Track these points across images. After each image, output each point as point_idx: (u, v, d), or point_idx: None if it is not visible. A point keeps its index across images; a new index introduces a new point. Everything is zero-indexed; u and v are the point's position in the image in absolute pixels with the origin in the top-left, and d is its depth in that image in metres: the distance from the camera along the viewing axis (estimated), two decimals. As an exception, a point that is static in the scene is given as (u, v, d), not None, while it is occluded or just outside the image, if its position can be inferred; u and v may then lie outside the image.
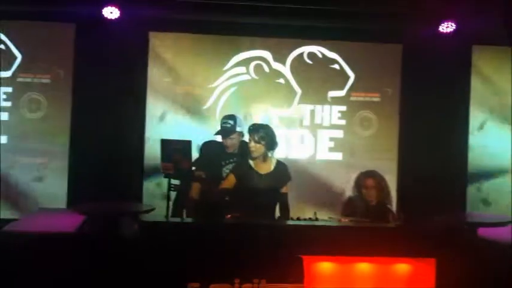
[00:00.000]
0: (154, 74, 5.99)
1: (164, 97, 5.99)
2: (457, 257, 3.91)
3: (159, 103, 5.98)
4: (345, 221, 4.46)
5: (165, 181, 4.28)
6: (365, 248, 3.87)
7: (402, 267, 3.94)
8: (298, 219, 4.48)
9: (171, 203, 4.35)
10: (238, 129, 4.81)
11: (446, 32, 5.88)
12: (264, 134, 4.47)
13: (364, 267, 3.91)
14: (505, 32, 6.03)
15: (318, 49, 6.16)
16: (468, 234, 4.14)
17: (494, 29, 5.90)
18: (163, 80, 6.00)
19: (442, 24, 5.85)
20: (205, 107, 6.05)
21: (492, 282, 3.95)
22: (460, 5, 5.62)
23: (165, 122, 5.99)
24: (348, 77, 6.18)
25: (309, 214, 4.43)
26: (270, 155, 4.53)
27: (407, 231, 4.14)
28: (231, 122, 4.84)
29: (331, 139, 6.17)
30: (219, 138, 4.91)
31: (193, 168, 4.53)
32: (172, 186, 4.23)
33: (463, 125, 6.27)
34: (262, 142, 4.45)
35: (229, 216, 4.21)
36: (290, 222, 4.30)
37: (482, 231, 4.22)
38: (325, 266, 3.87)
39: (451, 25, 5.84)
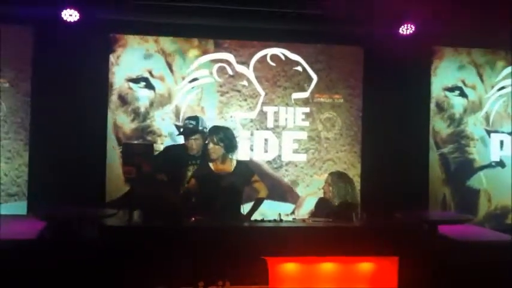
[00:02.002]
0: (116, 76, 5.90)
1: (126, 100, 5.92)
2: (419, 255, 3.98)
3: (120, 106, 5.90)
4: (309, 221, 4.49)
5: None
6: (329, 248, 3.90)
7: (366, 266, 3.98)
8: (262, 220, 4.50)
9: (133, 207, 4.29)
10: (201, 130, 4.80)
11: (406, 34, 5.97)
12: (223, 136, 4.51)
13: (328, 267, 3.94)
14: (465, 33, 6.21)
15: (281, 51, 6.18)
16: (429, 232, 4.22)
17: (453, 30, 6.07)
18: (118, 79, 5.90)
19: (402, 27, 5.94)
20: (168, 109, 5.99)
21: (453, 279, 4.03)
22: (419, 7, 5.72)
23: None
24: (311, 79, 6.22)
25: (274, 216, 4.44)
26: (230, 156, 4.55)
27: (370, 230, 4.19)
28: (194, 122, 4.82)
29: (295, 140, 6.20)
30: (182, 140, 4.88)
31: (156, 171, 4.49)
32: (135, 189, 4.18)
33: (424, 125, 6.36)
34: (221, 144, 4.49)
35: (192, 219, 4.19)
36: (254, 224, 4.30)
37: (443, 229, 4.31)
38: (290, 267, 3.89)
39: (411, 27, 5.94)
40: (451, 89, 6.40)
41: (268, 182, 5.78)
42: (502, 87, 6.48)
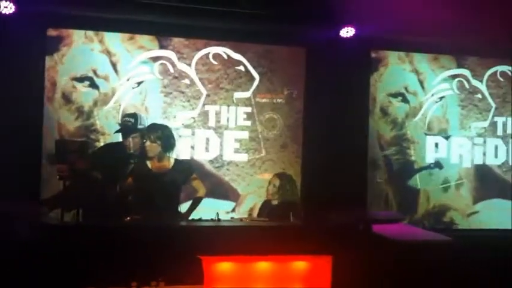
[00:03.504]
0: (53, 72, 5.76)
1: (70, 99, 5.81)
2: (353, 254, 4.06)
3: (64, 105, 5.77)
4: (247, 221, 4.52)
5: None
6: (264, 247, 3.93)
7: (300, 265, 4.04)
8: (200, 220, 4.49)
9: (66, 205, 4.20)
10: (140, 128, 4.74)
11: (347, 37, 6.08)
12: (161, 134, 4.49)
13: (263, 266, 3.97)
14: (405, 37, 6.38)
15: (223, 50, 6.17)
16: (363, 231, 4.31)
17: (392, 34, 6.21)
18: (62, 78, 5.78)
19: (343, 29, 6.05)
20: (107, 107, 5.89)
21: (387, 278, 4.13)
22: (359, 10, 5.83)
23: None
24: (253, 79, 6.24)
25: (215, 213, 4.45)
26: (167, 154, 4.52)
27: (305, 229, 4.26)
28: (132, 120, 4.77)
29: (237, 140, 6.20)
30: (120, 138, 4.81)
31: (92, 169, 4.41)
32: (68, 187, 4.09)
33: (362, 125, 6.48)
34: (158, 142, 4.48)
35: (128, 218, 4.14)
36: (190, 223, 4.29)
37: (377, 228, 4.41)
38: (225, 266, 3.90)
39: (351, 30, 6.05)
40: (395, 95, 6.58)
41: (209, 181, 5.84)
42: (437, 92, 6.70)
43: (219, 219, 4.43)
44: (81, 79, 5.82)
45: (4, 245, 3.55)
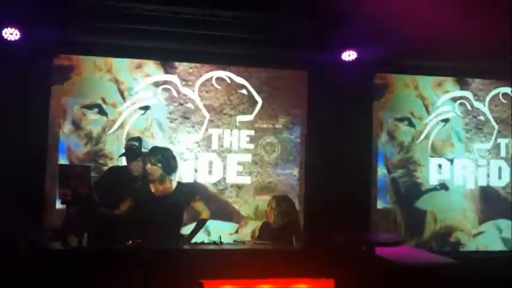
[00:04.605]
0: (69, 102, 5.88)
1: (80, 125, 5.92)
2: (356, 277, 4.03)
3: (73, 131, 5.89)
4: (249, 244, 4.51)
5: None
6: (266, 270, 3.92)
7: (302, 288, 4.01)
8: (202, 243, 4.49)
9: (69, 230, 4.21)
10: (144, 151, 4.77)
11: (349, 60, 6.13)
12: (161, 157, 4.51)
13: (265, 289, 3.95)
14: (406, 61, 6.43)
15: (226, 74, 6.24)
16: (366, 254, 4.29)
17: (394, 58, 6.26)
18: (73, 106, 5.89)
19: (345, 53, 6.09)
20: (110, 131, 5.95)
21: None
22: (361, 34, 5.89)
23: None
24: (256, 102, 6.29)
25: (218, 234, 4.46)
26: (169, 177, 4.54)
27: (308, 252, 4.24)
28: (136, 143, 4.80)
29: (240, 163, 6.23)
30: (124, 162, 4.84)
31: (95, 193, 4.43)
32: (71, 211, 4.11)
33: (366, 148, 6.50)
34: (159, 165, 4.49)
35: (129, 242, 4.14)
36: (193, 247, 4.29)
37: (380, 251, 4.39)
38: (227, 290, 3.88)
39: (353, 54, 6.09)
40: (401, 120, 6.68)
41: (213, 203, 5.85)
42: (440, 113, 6.74)
43: (221, 242, 4.42)
44: (90, 106, 5.94)
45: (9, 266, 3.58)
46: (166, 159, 4.51)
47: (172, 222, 4.48)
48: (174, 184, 4.58)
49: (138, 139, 4.94)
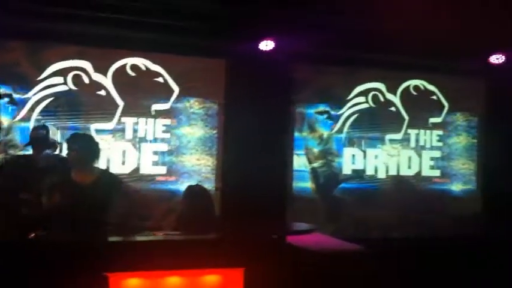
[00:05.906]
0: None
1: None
2: (265, 266, 4.05)
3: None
4: (159, 235, 4.43)
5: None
6: (174, 261, 3.85)
7: (212, 279, 3.99)
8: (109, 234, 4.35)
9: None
10: (51, 139, 4.58)
11: (267, 50, 6.12)
12: (82, 144, 4.31)
13: (173, 281, 3.89)
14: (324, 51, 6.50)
15: (141, 61, 6.07)
16: (277, 242, 4.32)
17: (310, 49, 6.32)
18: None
19: (262, 42, 6.09)
20: (17, 119, 5.65)
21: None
22: (278, 24, 5.90)
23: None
24: (172, 91, 6.16)
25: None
26: (90, 165, 4.34)
27: (218, 242, 4.21)
28: (43, 132, 4.59)
29: (155, 153, 6.10)
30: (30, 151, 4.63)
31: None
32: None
33: (284, 137, 6.54)
34: (80, 152, 4.28)
35: (32, 234, 3.95)
36: (98, 239, 4.14)
37: (291, 239, 4.43)
38: (133, 283, 3.79)
39: (270, 43, 6.10)
40: (321, 113, 6.78)
41: (125, 194, 5.69)
42: (354, 105, 6.90)
43: (132, 234, 4.31)
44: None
45: None
46: (87, 145, 4.32)
47: (91, 212, 4.25)
48: (96, 171, 4.38)
49: (45, 127, 4.75)
